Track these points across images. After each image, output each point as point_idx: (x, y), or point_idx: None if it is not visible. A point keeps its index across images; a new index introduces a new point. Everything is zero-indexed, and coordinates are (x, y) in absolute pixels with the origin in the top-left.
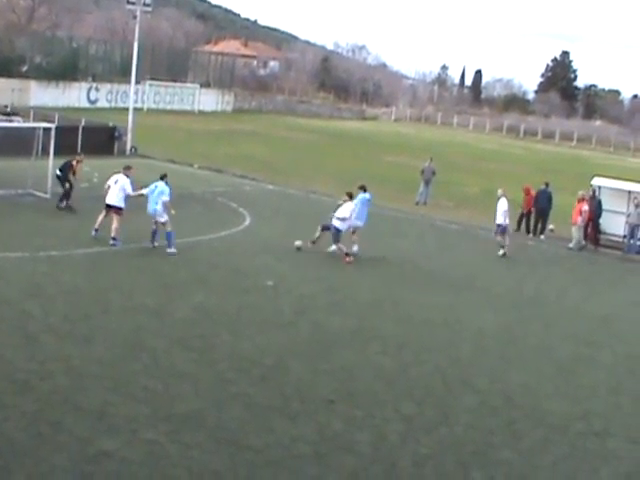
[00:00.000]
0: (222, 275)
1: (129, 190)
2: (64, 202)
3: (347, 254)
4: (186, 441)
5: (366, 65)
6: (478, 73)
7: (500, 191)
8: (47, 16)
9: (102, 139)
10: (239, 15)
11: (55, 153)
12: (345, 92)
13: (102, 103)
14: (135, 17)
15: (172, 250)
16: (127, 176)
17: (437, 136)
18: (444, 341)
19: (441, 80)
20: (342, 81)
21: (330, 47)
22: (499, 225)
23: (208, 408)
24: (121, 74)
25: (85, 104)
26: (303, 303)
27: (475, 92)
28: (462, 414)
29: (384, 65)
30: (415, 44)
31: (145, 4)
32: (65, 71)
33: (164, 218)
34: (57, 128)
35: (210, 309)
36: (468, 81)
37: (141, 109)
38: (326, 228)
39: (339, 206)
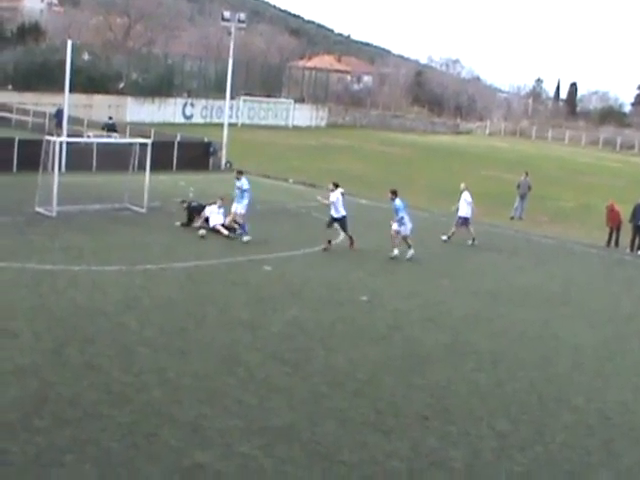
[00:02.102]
0: (316, 289)
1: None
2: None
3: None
4: (280, 455)
5: (460, 79)
6: (573, 86)
7: (463, 185)
8: (143, 34)
9: (197, 154)
10: (332, 30)
11: (151, 168)
12: (439, 106)
13: (197, 119)
14: (230, 33)
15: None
16: None
17: (532, 150)
18: (540, 357)
19: (535, 93)
20: (436, 95)
21: (423, 61)
22: (463, 218)
23: (302, 422)
24: (216, 90)
25: (180, 120)
26: (397, 318)
27: (570, 105)
28: (558, 432)
29: (478, 79)
30: (509, 57)
31: (239, 21)
32: (161, 87)
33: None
34: (153, 143)
35: (304, 323)
36: (563, 94)
37: (235, 124)
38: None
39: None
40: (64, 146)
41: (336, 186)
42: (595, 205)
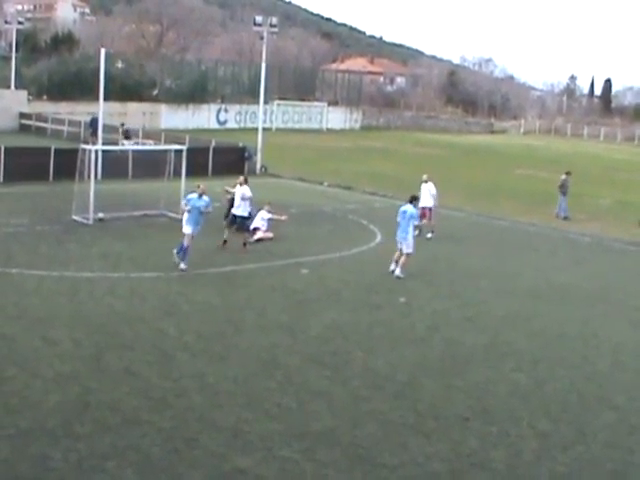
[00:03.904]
0: (354, 292)
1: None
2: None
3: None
4: (320, 459)
5: (493, 78)
6: (607, 82)
7: (425, 176)
8: (176, 40)
9: (232, 159)
10: (364, 32)
11: (187, 174)
12: (473, 106)
13: (231, 124)
14: (262, 38)
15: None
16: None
17: (567, 148)
18: (580, 356)
19: (570, 91)
20: (469, 95)
21: (456, 61)
22: (426, 208)
23: (342, 425)
24: (249, 95)
25: (215, 125)
26: (436, 319)
27: (605, 102)
28: (599, 432)
29: (511, 77)
30: (542, 55)
31: (271, 25)
32: (194, 93)
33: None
34: (188, 149)
35: (343, 326)
36: (597, 91)
37: (270, 129)
38: (233, 223)
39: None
40: (99, 154)
41: (246, 181)
42: (633, 202)
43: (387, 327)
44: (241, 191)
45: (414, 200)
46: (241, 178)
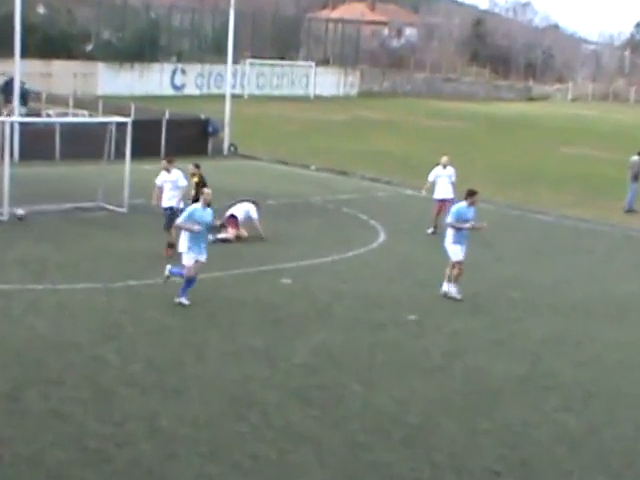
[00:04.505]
0: (350, 307)
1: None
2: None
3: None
4: None
5: (532, 28)
6: None
7: (445, 158)
8: None
9: (192, 135)
10: None
11: (132, 155)
12: (505, 65)
13: (191, 89)
14: None
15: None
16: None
17: (631, 118)
18: None
19: (634, 43)
20: (501, 51)
21: (484, 6)
22: (442, 200)
23: None
24: (214, 52)
25: (169, 91)
26: (456, 342)
27: None
28: None
29: (556, 27)
30: None
31: None
32: (142, 49)
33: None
34: (134, 123)
35: (335, 352)
36: None
37: (241, 96)
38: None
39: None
40: (16, 128)
41: (171, 162)
42: None
43: (393, 352)
44: (174, 176)
45: (470, 196)
46: (164, 162)
